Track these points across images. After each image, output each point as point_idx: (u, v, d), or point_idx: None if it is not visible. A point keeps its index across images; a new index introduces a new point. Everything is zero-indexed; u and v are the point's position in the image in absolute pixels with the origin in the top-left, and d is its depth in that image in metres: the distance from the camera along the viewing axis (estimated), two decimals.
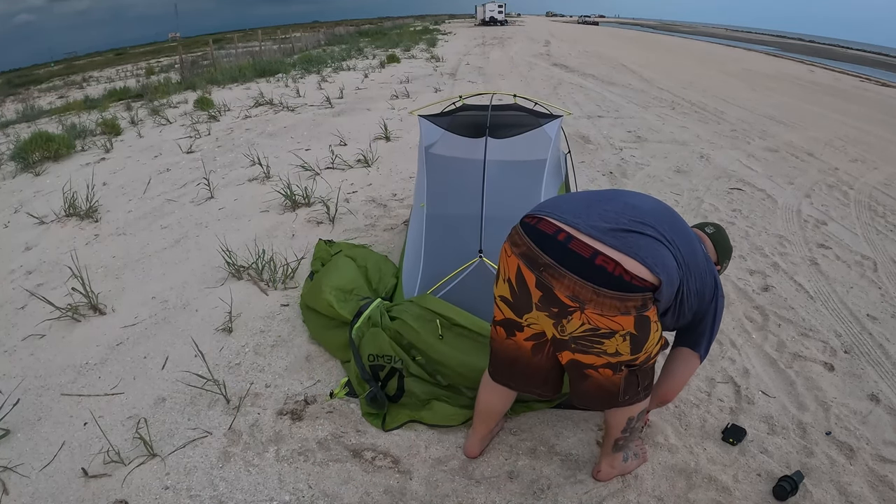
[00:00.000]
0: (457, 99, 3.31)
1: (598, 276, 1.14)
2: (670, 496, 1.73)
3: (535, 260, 1.19)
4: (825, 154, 5.93)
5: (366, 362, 2.06)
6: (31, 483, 1.80)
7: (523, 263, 1.21)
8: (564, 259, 1.16)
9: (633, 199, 1.39)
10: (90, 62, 49.10)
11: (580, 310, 1.16)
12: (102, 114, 8.91)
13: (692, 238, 1.37)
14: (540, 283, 1.18)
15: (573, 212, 1.25)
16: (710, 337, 1.48)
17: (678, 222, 1.38)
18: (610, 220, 1.22)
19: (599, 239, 1.17)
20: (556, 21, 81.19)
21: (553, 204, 1.33)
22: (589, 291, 1.14)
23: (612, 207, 1.28)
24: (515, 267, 1.23)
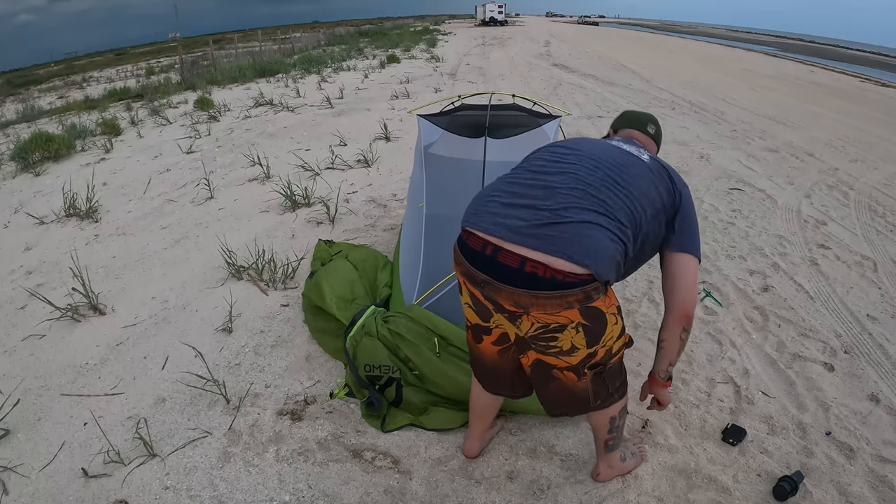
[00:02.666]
0: (455, 99, 3.31)
1: (531, 282, 1.14)
2: (670, 496, 1.73)
3: (473, 277, 1.21)
4: (825, 154, 5.93)
5: (362, 373, 2.06)
6: (31, 483, 1.80)
7: (467, 281, 1.24)
8: (497, 273, 1.17)
9: (562, 167, 1.30)
10: (90, 62, 49.11)
11: (526, 313, 1.18)
12: (102, 114, 8.91)
13: (644, 173, 1.34)
14: (485, 296, 1.22)
15: (495, 215, 1.21)
16: (692, 234, 1.39)
17: (624, 167, 1.32)
18: (530, 217, 1.18)
19: (524, 243, 1.15)
20: (556, 21, 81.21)
21: (478, 206, 1.28)
22: (527, 297, 1.15)
23: (532, 196, 1.22)
24: (464, 282, 1.27)
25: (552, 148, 1.42)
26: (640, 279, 3.07)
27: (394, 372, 2.03)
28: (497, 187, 1.30)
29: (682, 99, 9.30)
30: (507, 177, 1.33)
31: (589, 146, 1.39)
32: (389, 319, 2.15)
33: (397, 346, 2.06)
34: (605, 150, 1.38)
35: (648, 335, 2.55)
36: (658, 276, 3.18)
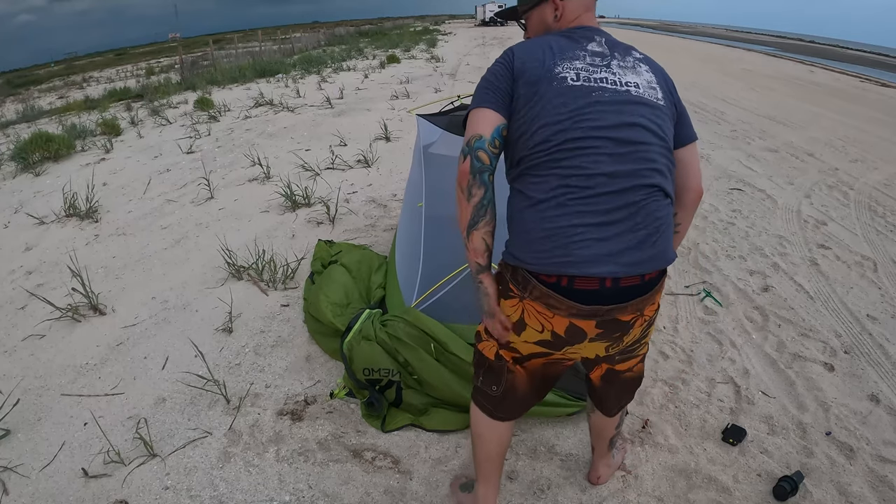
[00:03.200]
0: (455, 98, 3.31)
1: (650, 286, 1.12)
2: (670, 496, 1.73)
3: (593, 313, 1.08)
4: (825, 154, 5.93)
5: (361, 377, 2.06)
6: (31, 483, 1.80)
7: (577, 319, 1.10)
8: (623, 296, 1.08)
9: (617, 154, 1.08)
10: (90, 62, 49.10)
11: (640, 315, 1.14)
12: (102, 114, 8.91)
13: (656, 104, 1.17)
14: (601, 323, 1.11)
15: (596, 250, 1.04)
16: (689, 121, 1.30)
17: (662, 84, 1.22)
18: (633, 241, 1.06)
19: (639, 263, 1.07)
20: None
21: (567, 244, 1.04)
22: (647, 300, 1.13)
23: (618, 216, 1.06)
24: (565, 323, 1.11)
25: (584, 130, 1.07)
26: None
27: (393, 375, 2.03)
28: (574, 215, 1.05)
29: (681, 99, 9.30)
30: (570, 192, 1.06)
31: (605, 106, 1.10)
32: (387, 323, 2.14)
33: (396, 349, 2.06)
34: (621, 101, 1.11)
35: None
36: None
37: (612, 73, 1.13)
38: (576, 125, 1.07)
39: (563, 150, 1.06)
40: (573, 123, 1.07)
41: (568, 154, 1.06)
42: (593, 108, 1.08)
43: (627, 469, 1.82)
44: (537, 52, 1.14)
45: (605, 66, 1.14)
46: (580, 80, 1.10)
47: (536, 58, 1.13)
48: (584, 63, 1.13)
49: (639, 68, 1.19)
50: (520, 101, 1.12)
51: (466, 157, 1.09)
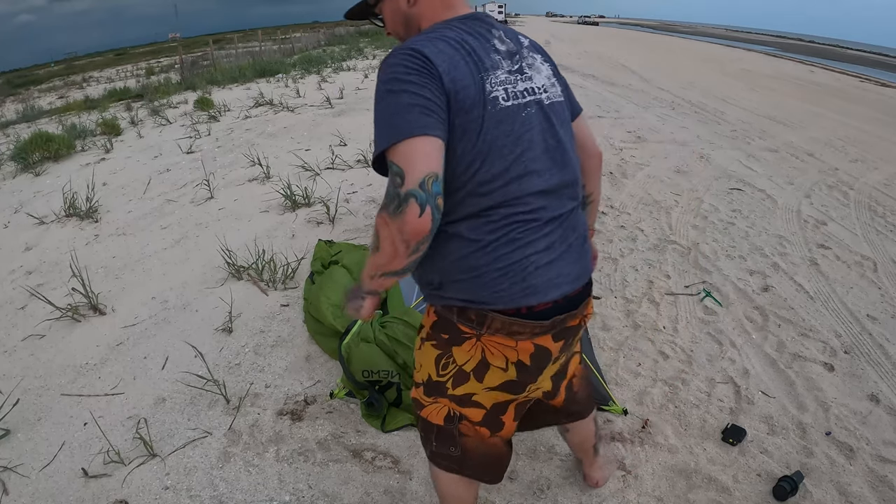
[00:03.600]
0: None
1: (589, 288, 1.14)
2: (670, 496, 1.73)
3: (552, 326, 1.06)
4: (825, 154, 5.93)
5: (360, 378, 2.05)
6: (31, 483, 1.80)
7: (539, 338, 1.07)
8: (574, 305, 1.10)
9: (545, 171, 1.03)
10: (90, 62, 49.10)
11: (584, 316, 1.15)
12: (102, 114, 8.91)
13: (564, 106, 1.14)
14: (558, 334, 1.09)
15: (549, 275, 1.03)
16: (571, 92, 1.24)
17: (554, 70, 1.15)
18: (566, 247, 1.06)
19: (580, 275, 1.10)
20: (556, 21, 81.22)
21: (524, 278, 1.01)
22: (587, 302, 1.15)
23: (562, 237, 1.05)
24: (530, 348, 1.07)
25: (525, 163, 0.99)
26: (640, 280, 3.07)
27: (393, 377, 2.03)
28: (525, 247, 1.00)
29: (682, 99, 9.31)
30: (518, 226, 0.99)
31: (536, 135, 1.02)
32: (386, 324, 2.14)
33: (395, 350, 2.06)
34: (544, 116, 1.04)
35: (648, 335, 2.55)
36: (657, 277, 3.20)
37: (528, 80, 1.03)
38: (519, 159, 0.97)
39: (508, 187, 0.97)
40: (516, 157, 0.97)
41: (514, 189, 0.97)
42: (528, 132, 0.99)
43: (627, 468, 1.82)
44: (460, 63, 0.93)
45: (519, 73, 1.02)
46: (510, 98, 0.98)
47: (462, 70, 0.93)
48: (505, 73, 0.99)
49: (537, 62, 1.09)
50: (455, 134, 0.92)
51: (424, 209, 0.83)
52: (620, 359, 2.38)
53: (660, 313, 2.74)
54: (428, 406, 1.19)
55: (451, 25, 1.00)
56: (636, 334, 2.56)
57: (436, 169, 0.85)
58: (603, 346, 2.47)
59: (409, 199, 0.82)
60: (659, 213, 4.07)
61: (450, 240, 0.99)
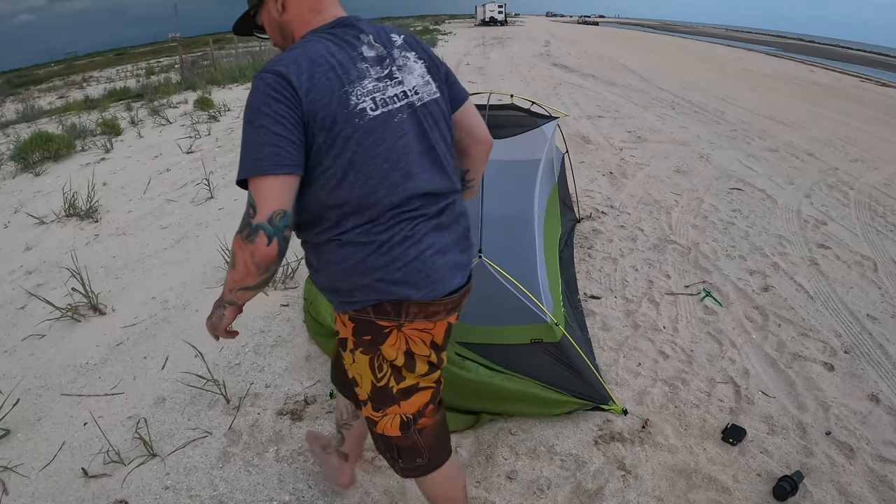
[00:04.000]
0: None
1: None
2: (670, 496, 1.73)
3: (459, 300, 1.15)
4: (825, 154, 5.93)
5: None
6: (31, 483, 1.80)
7: (451, 315, 1.17)
8: (467, 282, 1.17)
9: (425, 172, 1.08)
10: (90, 62, 49.11)
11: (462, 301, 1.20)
12: (102, 114, 8.91)
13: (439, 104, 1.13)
14: (454, 310, 1.17)
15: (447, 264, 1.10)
16: (457, 80, 1.24)
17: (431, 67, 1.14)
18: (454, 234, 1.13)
19: (470, 257, 1.19)
20: (556, 21, 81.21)
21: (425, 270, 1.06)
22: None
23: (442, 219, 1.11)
24: (444, 325, 1.16)
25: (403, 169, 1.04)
26: (640, 279, 3.07)
27: None
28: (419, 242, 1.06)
29: (682, 99, 9.30)
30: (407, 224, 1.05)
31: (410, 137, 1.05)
32: None
33: None
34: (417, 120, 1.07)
35: (648, 335, 2.55)
36: (657, 277, 3.19)
37: (398, 84, 1.05)
38: (396, 165, 1.01)
39: (391, 194, 1.01)
40: (393, 164, 1.01)
41: (397, 194, 1.02)
42: (401, 138, 1.03)
43: (627, 468, 1.82)
44: (322, 81, 0.95)
45: (388, 78, 1.04)
46: (378, 107, 1.00)
47: (323, 89, 0.95)
48: (373, 81, 1.01)
49: (409, 63, 1.09)
50: (320, 151, 0.96)
51: (272, 240, 0.93)
52: (620, 359, 2.38)
53: (660, 313, 2.74)
54: (380, 421, 1.20)
55: (319, 36, 1.02)
56: (636, 334, 2.56)
57: (283, 206, 0.93)
58: (603, 346, 2.47)
59: (258, 231, 0.93)
60: (659, 212, 4.07)
61: (344, 247, 1.03)
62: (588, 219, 3.91)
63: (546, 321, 2.10)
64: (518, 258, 2.26)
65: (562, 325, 2.16)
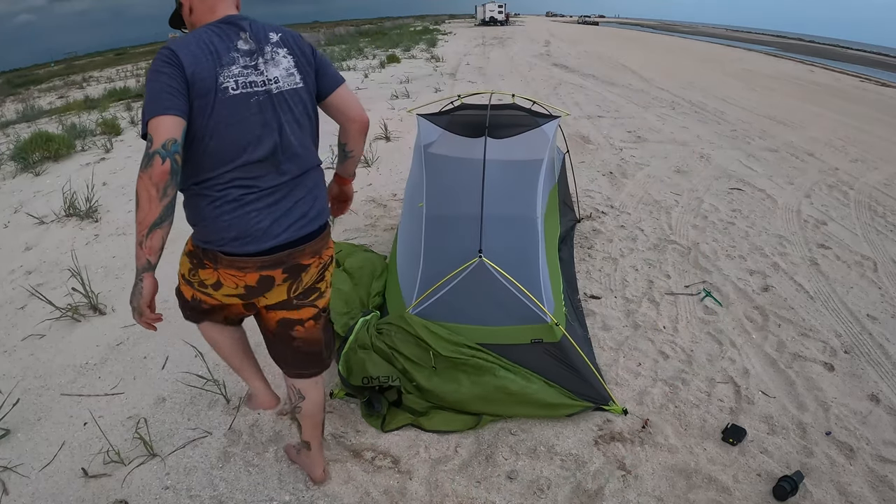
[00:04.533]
0: (455, 98, 3.31)
1: (317, 234, 1.41)
2: (670, 496, 1.73)
3: (278, 262, 1.34)
4: (825, 154, 5.94)
5: (359, 384, 2.04)
6: (31, 483, 1.80)
7: (265, 270, 1.35)
8: (298, 244, 1.36)
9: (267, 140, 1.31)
10: (90, 62, 49.09)
11: (319, 256, 1.43)
12: (102, 114, 8.91)
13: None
14: (287, 269, 1.37)
15: (271, 227, 1.32)
16: (330, 68, 1.48)
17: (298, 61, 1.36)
18: (291, 204, 1.35)
19: (303, 226, 1.37)
20: (556, 21, 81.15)
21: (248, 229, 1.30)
22: (319, 244, 1.42)
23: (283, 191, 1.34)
24: (256, 277, 1.35)
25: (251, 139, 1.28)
26: (640, 279, 3.07)
27: (393, 380, 2.03)
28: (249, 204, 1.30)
29: (682, 99, 9.30)
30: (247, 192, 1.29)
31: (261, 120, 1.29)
32: (382, 330, 2.14)
33: (393, 356, 2.06)
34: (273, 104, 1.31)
35: (648, 335, 2.55)
36: (658, 277, 3.19)
37: (260, 74, 1.28)
38: (242, 136, 1.25)
39: (234, 158, 1.25)
40: (239, 134, 1.25)
41: (238, 159, 1.26)
42: (254, 115, 1.26)
43: (627, 468, 1.82)
44: (202, 59, 1.21)
45: (253, 67, 1.28)
46: (239, 87, 1.25)
47: (202, 65, 1.21)
48: (240, 67, 1.26)
49: (278, 57, 1.33)
50: (193, 111, 1.20)
51: (165, 160, 1.13)
52: (620, 359, 2.38)
53: (660, 313, 2.74)
54: (184, 286, 1.51)
55: (208, 29, 1.27)
56: (636, 334, 2.56)
57: (174, 135, 1.14)
58: (603, 346, 2.47)
59: (154, 156, 1.12)
60: (659, 212, 4.07)
61: (194, 196, 1.30)
62: (588, 219, 3.91)
63: (546, 321, 2.11)
64: (519, 258, 2.26)
65: (562, 325, 2.16)
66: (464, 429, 1.98)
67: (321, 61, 1.43)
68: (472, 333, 2.13)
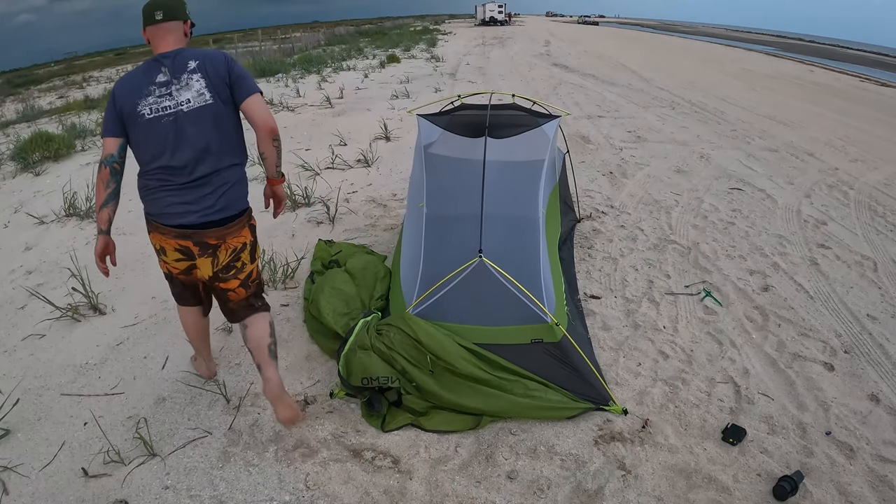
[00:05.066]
0: (455, 98, 3.31)
1: (222, 223, 1.78)
2: (670, 496, 1.73)
3: (187, 235, 1.76)
4: (825, 154, 5.94)
5: (359, 384, 2.04)
6: (31, 483, 1.80)
7: (179, 240, 1.77)
8: (203, 227, 1.76)
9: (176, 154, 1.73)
10: (90, 62, 49.06)
11: (223, 242, 1.80)
12: (102, 114, 8.90)
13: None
14: (196, 243, 1.78)
15: (180, 210, 1.74)
16: (244, 81, 1.78)
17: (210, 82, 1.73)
18: (200, 196, 1.74)
19: (209, 214, 1.75)
20: (556, 21, 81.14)
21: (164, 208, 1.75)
22: (224, 232, 1.79)
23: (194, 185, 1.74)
24: (174, 244, 1.78)
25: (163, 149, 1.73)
26: (640, 279, 3.07)
27: (392, 382, 2.02)
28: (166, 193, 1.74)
29: (682, 99, 9.30)
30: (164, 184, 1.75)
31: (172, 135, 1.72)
32: (382, 331, 2.14)
33: (393, 357, 2.06)
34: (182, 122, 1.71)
35: (648, 335, 2.55)
36: (657, 277, 3.20)
37: (172, 99, 1.71)
38: (156, 147, 1.72)
39: (152, 162, 1.73)
40: (154, 146, 1.72)
41: (155, 163, 1.73)
42: (165, 133, 1.70)
43: (627, 468, 1.82)
44: (128, 94, 1.71)
45: (167, 95, 1.71)
46: (153, 113, 1.70)
47: (127, 99, 1.71)
48: (154, 97, 1.71)
49: (191, 83, 1.72)
50: (127, 129, 1.73)
51: (105, 167, 1.73)
52: (620, 359, 2.38)
53: (660, 313, 2.74)
54: (161, 264, 1.93)
55: (141, 66, 1.77)
56: (636, 334, 2.56)
57: (111, 151, 1.73)
58: (603, 346, 2.47)
59: (100, 164, 1.74)
60: (659, 212, 4.07)
61: (139, 179, 1.79)
62: (588, 219, 3.91)
63: (546, 321, 2.11)
64: (520, 258, 2.26)
65: (563, 325, 2.16)
66: (464, 429, 1.98)
67: (236, 78, 1.77)
68: (472, 333, 2.13)
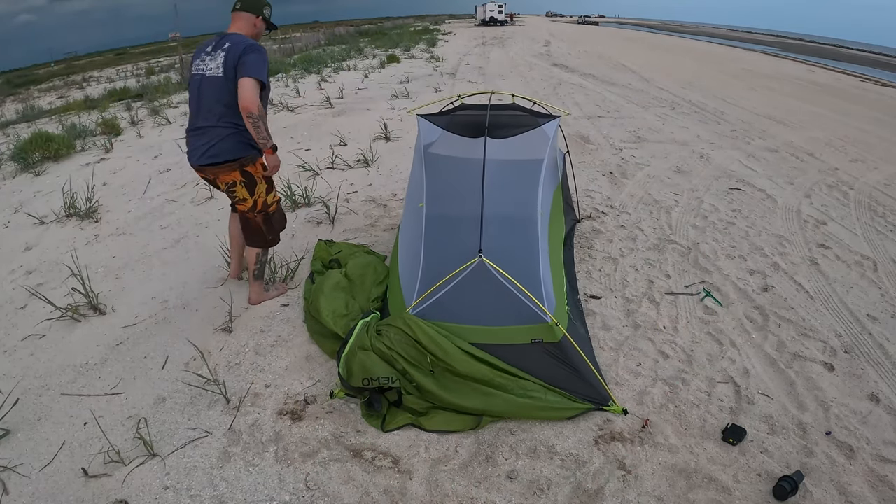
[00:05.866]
0: (455, 98, 3.31)
1: (212, 164, 2.40)
2: (670, 496, 1.73)
3: (196, 169, 2.47)
4: (825, 154, 5.93)
5: (360, 385, 2.03)
6: (31, 483, 1.80)
7: (199, 173, 2.51)
8: (202, 164, 2.41)
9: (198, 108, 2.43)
10: (90, 62, 49.06)
11: (217, 178, 2.46)
12: (102, 114, 8.91)
13: (212, 84, 2.34)
14: (204, 178, 2.54)
15: (191, 150, 2.46)
16: (248, 67, 2.24)
17: (227, 61, 2.30)
18: (201, 141, 2.40)
19: (203, 156, 2.40)
20: (556, 21, 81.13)
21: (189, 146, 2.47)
22: (214, 171, 2.43)
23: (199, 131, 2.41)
24: (202, 172, 2.49)
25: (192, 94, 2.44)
26: (640, 279, 3.07)
27: (393, 382, 2.02)
28: (187, 134, 2.48)
29: (682, 99, 9.30)
30: (188, 124, 2.48)
31: (196, 91, 2.41)
32: (382, 332, 2.14)
33: (393, 357, 2.06)
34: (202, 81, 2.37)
35: (648, 335, 2.55)
36: (658, 277, 3.19)
37: (204, 65, 2.36)
38: (190, 99, 2.44)
39: (189, 110, 2.44)
40: (190, 98, 2.45)
41: (188, 114, 2.43)
42: (194, 90, 2.40)
43: (627, 468, 1.82)
44: (195, 54, 2.44)
45: (202, 62, 2.37)
46: (195, 71, 2.39)
47: (193, 58, 2.44)
48: (199, 60, 2.39)
49: (217, 58, 2.32)
50: None
51: None
52: (620, 359, 2.38)
53: (660, 313, 2.74)
54: None
55: (210, 39, 2.46)
56: (636, 334, 2.56)
57: None
58: (603, 345, 2.47)
59: None
60: (659, 212, 4.07)
61: None
62: (588, 219, 3.91)
63: (546, 321, 2.10)
64: (520, 258, 2.26)
65: (563, 325, 2.16)
66: (464, 429, 1.98)
67: (243, 62, 2.26)
68: (472, 333, 2.13)
